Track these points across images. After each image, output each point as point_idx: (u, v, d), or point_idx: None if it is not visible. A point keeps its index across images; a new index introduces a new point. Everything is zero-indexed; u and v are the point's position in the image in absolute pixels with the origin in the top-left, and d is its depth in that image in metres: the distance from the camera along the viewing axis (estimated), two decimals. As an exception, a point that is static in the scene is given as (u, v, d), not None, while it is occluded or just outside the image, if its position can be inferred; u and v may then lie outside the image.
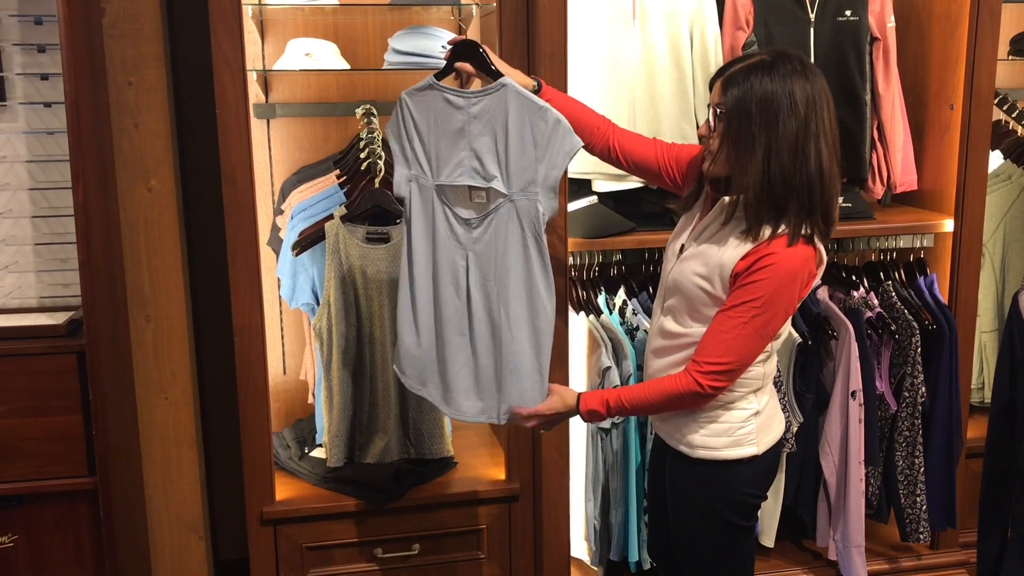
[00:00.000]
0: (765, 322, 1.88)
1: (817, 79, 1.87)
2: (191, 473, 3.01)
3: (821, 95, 1.86)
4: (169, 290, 2.88)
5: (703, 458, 2.04)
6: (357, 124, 2.77)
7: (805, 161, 1.84)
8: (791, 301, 1.90)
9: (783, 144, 1.83)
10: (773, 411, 2.11)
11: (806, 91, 1.84)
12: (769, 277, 1.85)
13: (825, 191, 1.87)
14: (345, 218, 2.64)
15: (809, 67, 1.88)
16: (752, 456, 2.03)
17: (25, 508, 2.54)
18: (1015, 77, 3.36)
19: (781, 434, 2.13)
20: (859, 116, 2.82)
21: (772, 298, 1.86)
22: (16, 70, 2.63)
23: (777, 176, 1.84)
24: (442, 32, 2.65)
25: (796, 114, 1.83)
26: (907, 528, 2.89)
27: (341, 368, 2.69)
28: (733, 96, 1.87)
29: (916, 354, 2.79)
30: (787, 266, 1.86)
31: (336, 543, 2.67)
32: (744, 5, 2.74)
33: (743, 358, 1.92)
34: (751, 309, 1.87)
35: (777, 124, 1.83)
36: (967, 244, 2.86)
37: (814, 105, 1.84)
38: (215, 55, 2.37)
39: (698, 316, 1.99)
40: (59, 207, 2.69)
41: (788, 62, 1.86)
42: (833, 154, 1.88)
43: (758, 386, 2.04)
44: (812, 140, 1.84)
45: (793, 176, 1.84)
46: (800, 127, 1.83)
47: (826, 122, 1.86)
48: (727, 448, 2.03)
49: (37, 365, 2.47)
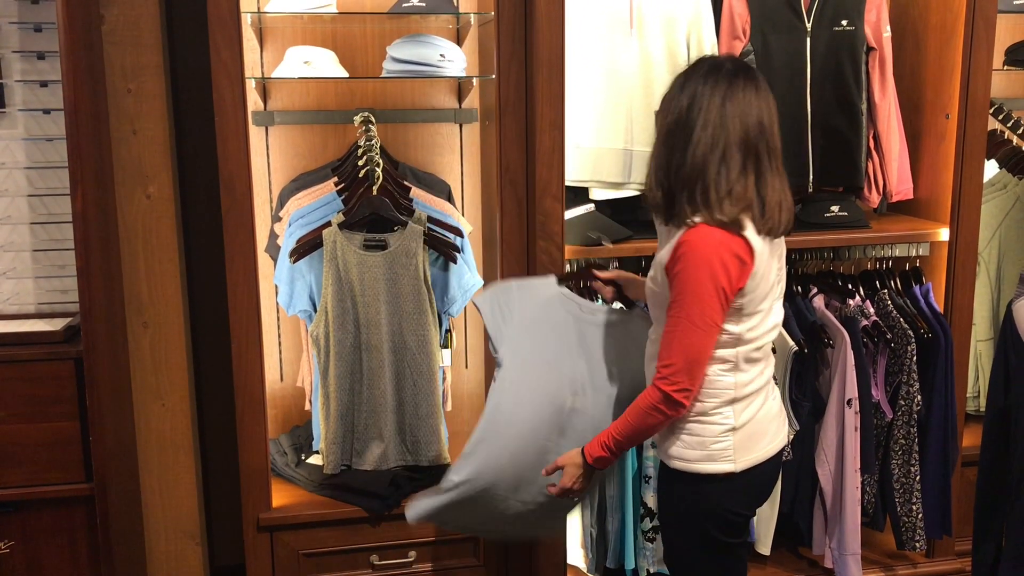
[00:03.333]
0: (697, 311, 1.88)
1: (722, 83, 1.90)
2: (188, 479, 3.01)
3: (715, 95, 1.90)
4: (167, 296, 2.89)
5: (678, 469, 2.04)
6: (355, 132, 2.78)
7: (682, 153, 1.91)
8: (714, 284, 1.87)
9: (663, 135, 1.96)
10: (758, 430, 2.05)
11: (695, 90, 1.91)
12: (686, 265, 1.89)
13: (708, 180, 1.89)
14: (343, 225, 2.64)
15: (721, 71, 1.92)
16: (728, 473, 2.01)
17: (21, 514, 2.54)
18: (1011, 87, 3.38)
19: (769, 455, 2.07)
20: (855, 125, 2.83)
21: (693, 285, 1.88)
22: (16, 77, 2.63)
23: (656, 164, 1.97)
24: (440, 41, 2.66)
25: (679, 108, 1.93)
26: (903, 536, 2.89)
27: (338, 375, 2.69)
28: (664, 105, 2.00)
29: (912, 362, 2.79)
30: (699, 252, 1.88)
31: (332, 550, 2.67)
32: (741, 14, 2.75)
33: (690, 353, 1.90)
34: (681, 301, 1.89)
35: (665, 115, 1.96)
36: (963, 253, 2.87)
37: (699, 103, 1.90)
38: (214, 63, 2.38)
39: (659, 318, 2.03)
40: (57, 213, 2.70)
41: (702, 63, 1.97)
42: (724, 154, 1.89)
43: (731, 397, 2.00)
44: (685, 135, 1.91)
45: (670, 167, 1.94)
46: (680, 120, 1.92)
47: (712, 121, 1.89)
48: (701, 462, 2.01)
49: (35, 371, 2.47)
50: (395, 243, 2.66)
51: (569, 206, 2.65)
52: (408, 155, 2.97)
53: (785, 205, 1.97)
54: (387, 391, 2.72)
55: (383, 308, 2.68)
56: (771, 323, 2.03)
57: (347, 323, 2.67)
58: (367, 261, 2.66)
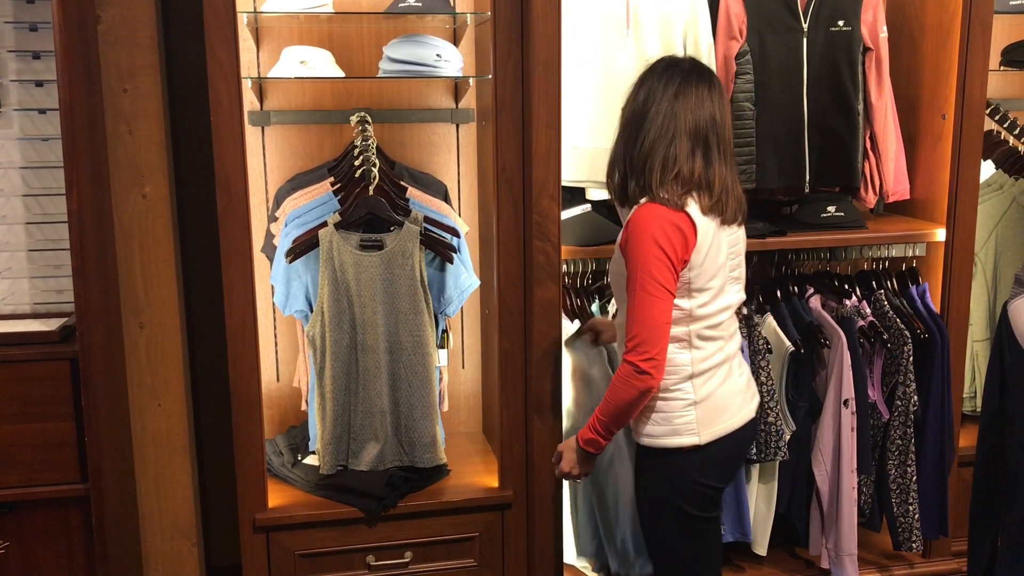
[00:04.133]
0: (648, 279, 2.01)
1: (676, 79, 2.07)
2: (184, 480, 3.00)
3: (668, 90, 2.06)
4: (163, 297, 2.88)
5: (648, 445, 2.17)
6: (352, 131, 2.78)
7: (636, 143, 2.08)
8: (659, 253, 2.00)
9: (623, 126, 2.13)
10: (720, 404, 2.16)
11: (651, 85, 2.09)
12: (631, 237, 2.04)
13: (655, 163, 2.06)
14: (339, 225, 2.64)
15: (677, 69, 2.09)
16: (694, 445, 2.12)
17: (17, 515, 2.54)
18: (1007, 87, 3.38)
19: (734, 428, 2.18)
20: (852, 126, 2.84)
21: (642, 256, 2.02)
22: (11, 76, 2.63)
23: (616, 153, 2.14)
24: (436, 41, 2.66)
25: (636, 101, 2.11)
26: (900, 536, 2.89)
27: (334, 375, 2.69)
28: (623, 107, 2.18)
29: (908, 363, 2.79)
30: (643, 224, 2.03)
31: (328, 550, 2.67)
32: (737, 15, 2.75)
33: (648, 320, 2.01)
34: (633, 274, 2.03)
35: (625, 109, 2.14)
36: (959, 253, 2.87)
37: (654, 97, 2.07)
38: (210, 62, 2.38)
39: (623, 300, 2.14)
40: (53, 213, 2.70)
41: (660, 61, 2.14)
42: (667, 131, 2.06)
43: (688, 373, 2.12)
44: (645, 128, 2.07)
45: (627, 156, 2.10)
46: (636, 113, 2.09)
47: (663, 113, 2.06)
48: (667, 436, 2.14)
49: (30, 371, 2.47)
50: (391, 243, 2.66)
51: (566, 206, 2.65)
52: (404, 155, 2.97)
53: (734, 195, 2.12)
54: (383, 391, 2.71)
55: (379, 308, 2.67)
56: (724, 303, 2.14)
57: (343, 323, 2.67)
58: (363, 261, 2.65)
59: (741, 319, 2.78)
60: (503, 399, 2.70)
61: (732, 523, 2.79)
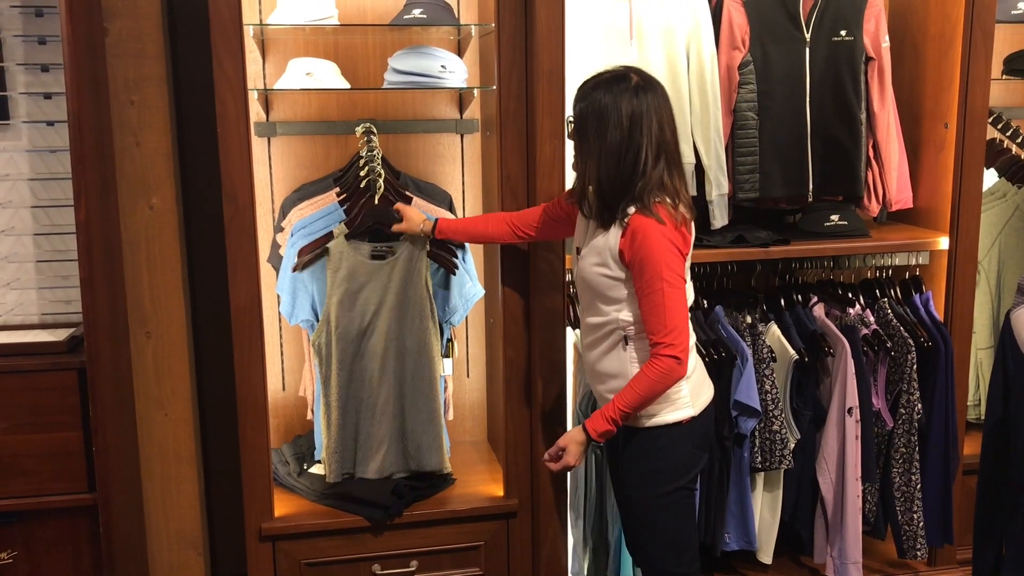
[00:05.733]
0: (668, 272, 2.13)
1: (647, 96, 2.16)
2: (190, 489, 3.01)
3: (648, 110, 2.15)
4: (170, 307, 2.90)
5: (649, 426, 2.26)
6: (357, 142, 2.79)
7: (631, 166, 2.15)
8: (675, 255, 2.16)
9: (612, 152, 2.16)
10: (701, 377, 2.35)
11: (632, 107, 2.14)
12: (646, 243, 2.14)
13: (653, 184, 2.16)
14: (348, 236, 2.65)
15: (643, 85, 2.17)
16: (691, 417, 2.27)
17: (24, 524, 2.55)
18: (1009, 96, 3.39)
19: (711, 398, 2.36)
20: (854, 135, 2.85)
21: (657, 256, 2.13)
22: (20, 89, 2.65)
23: (606, 178, 2.17)
24: (441, 52, 2.67)
25: (621, 127, 2.14)
26: (904, 545, 2.89)
27: (339, 384, 2.70)
28: (578, 109, 2.21)
29: (912, 371, 2.80)
30: (656, 230, 2.14)
31: (334, 559, 2.67)
32: (740, 25, 2.76)
33: (677, 314, 2.15)
34: (656, 275, 2.13)
35: (606, 135, 2.15)
36: (962, 261, 2.87)
37: (639, 119, 2.14)
38: (217, 74, 2.40)
39: (608, 300, 2.25)
40: (61, 225, 2.71)
41: (624, 80, 2.17)
42: (659, 157, 2.17)
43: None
44: (634, 149, 2.14)
45: (623, 175, 2.16)
46: (624, 139, 2.14)
47: (654, 130, 2.16)
48: (668, 412, 2.25)
49: (38, 382, 2.48)
50: (397, 253, 2.67)
51: (570, 216, 2.66)
52: (409, 165, 2.98)
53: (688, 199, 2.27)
54: (389, 400, 2.72)
55: (384, 317, 2.68)
56: (691, 289, 2.33)
57: (349, 332, 2.68)
58: (369, 270, 2.67)
59: (745, 327, 2.79)
60: (508, 408, 2.71)
61: (737, 531, 2.79)
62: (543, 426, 2.70)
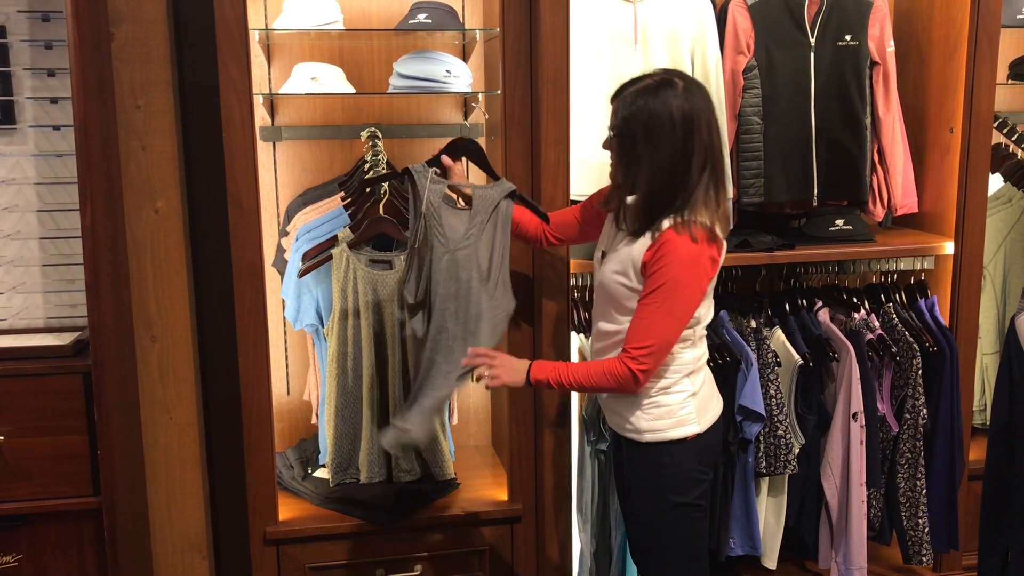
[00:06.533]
0: (675, 303, 2.06)
1: (697, 99, 2.06)
2: (195, 493, 3.01)
3: (700, 115, 2.05)
4: (175, 311, 2.90)
5: (651, 441, 2.20)
6: (362, 147, 2.80)
7: (683, 175, 2.05)
8: (696, 283, 2.08)
9: (663, 162, 2.05)
10: (709, 392, 2.28)
11: (684, 111, 2.03)
12: (670, 262, 2.04)
13: (698, 198, 2.06)
14: (351, 244, 2.66)
15: (691, 88, 2.07)
16: (696, 434, 2.20)
17: (29, 528, 2.55)
18: (1015, 100, 3.39)
19: (719, 414, 2.29)
20: (859, 139, 2.84)
21: (676, 281, 2.04)
22: (26, 94, 2.66)
23: (657, 188, 2.06)
24: (446, 57, 2.68)
25: (674, 136, 2.04)
26: (910, 551, 2.88)
27: (344, 388, 2.70)
28: (621, 117, 2.09)
29: (917, 376, 2.79)
30: (685, 252, 2.05)
31: (339, 563, 2.67)
32: (745, 30, 2.76)
33: (662, 339, 2.07)
34: (661, 293, 2.05)
35: (659, 145, 2.05)
36: (968, 266, 2.87)
37: (691, 125, 2.04)
38: (222, 79, 2.41)
39: (624, 310, 2.17)
40: (67, 229, 2.72)
41: (670, 86, 2.06)
42: (708, 164, 2.07)
43: (690, 370, 2.21)
44: (687, 158, 2.05)
45: (672, 188, 2.06)
46: (677, 148, 2.04)
47: (704, 138, 2.05)
48: (672, 429, 2.19)
49: (43, 385, 2.49)
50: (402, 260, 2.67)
51: (574, 220, 2.66)
52: (414, 170, 2.98)
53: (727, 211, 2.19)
54: (392, 404, 2.72)
55: (389, 323, 2.69)
56: (712, 305, 2.25)
57: (355, 337, 2.69)
58: (375, 277, 2.67)
59: (750, 332, 2.78)
60: (512, 412, 2.71)
61: (742, 536, 2.78)
62: (547, 430, 2.70)
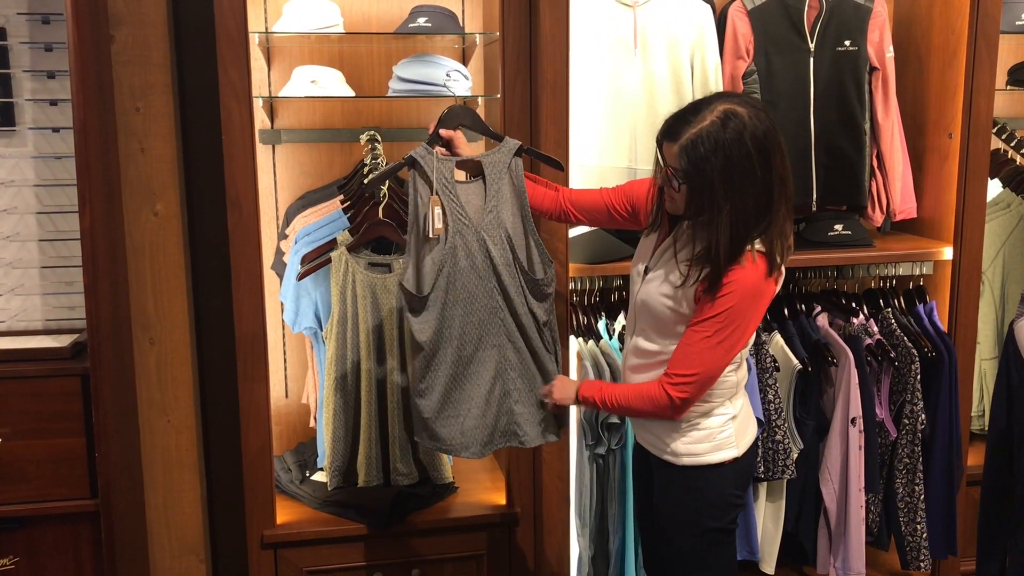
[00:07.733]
0: (729, 335, 1.98)
1: (763, 121, 1.93)
2: (192, 496, 3.01)
3: (771, 140, 1.93)
4: (173, 313, 2.90)
5: (689, 465, 2.15)
6: (361, 150, 2.80)
7: (765, 211, 1.96)
8: (754, 315, 2.01)
9: (747, 204, 1.93)
10: (747, 414, 2.24)
11: (758, 141, 1.91)
12: (732, 292, 1.96)
13: (777, 223, 1.97)
14: (349, 247, 2.66)
15: (757, 113, 1.93)
16: (734, 458, 2.16)
17: (27, 530, 2.55)
18: (1014, 106, 3.39)
19: (756, 435, 2.25)
20: (858, 145, 2.85)
21: (735, 312, 1.97)
22: (26, 95, 2.66)
23: (741, 226, 1.94)
24: (446, 60, 2.68)
25: (754, 175, 1.92)
26: (908, 556, 2.88)
27: (343, 391, 2.70)
28: (694, 166, 1.93)
29: (916, 381, 2.79)
30: (749, 282, 1.96)
31: (336, 567, 2.67)
32: (744, 35, 2.77)
33: (710, 370, 2.02)
34: (716, 323, 1.97)
35: (741, 188, 1.92)
36: (966, 272, 2.87)
37: (768, 155, 1.92)
38: (222, 82, 2.41)
39: (668, 332, 2.10)
40: (65, 231, 2.72)
41: (735, 117, 1.91)
42: (783, 189, 1.97)
43: (732, 393, 2.17)
44: (767, 191, 1.94)
45: (755, 224, 1.95)
46: (759, 186, 1.93)
47: (777, 165, 1.95)
48: (710, 453, 2.14)
49: (41, 387, 2.49)
50: (401, 263, 2.68)
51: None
52: (413, 173, 2.98)
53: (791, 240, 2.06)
54: (392, 409, 2.72)
55: (388, 326, 2.69)
56: (751, 366, 2.24)
57: (354, 340, 2.68)
58: (374, 280, 2.67)
59: (748, 337, 2.78)
60: (511, 416, 2.70)
61: (740, 541, 2.78)
62: (546, 434, 2.69)
